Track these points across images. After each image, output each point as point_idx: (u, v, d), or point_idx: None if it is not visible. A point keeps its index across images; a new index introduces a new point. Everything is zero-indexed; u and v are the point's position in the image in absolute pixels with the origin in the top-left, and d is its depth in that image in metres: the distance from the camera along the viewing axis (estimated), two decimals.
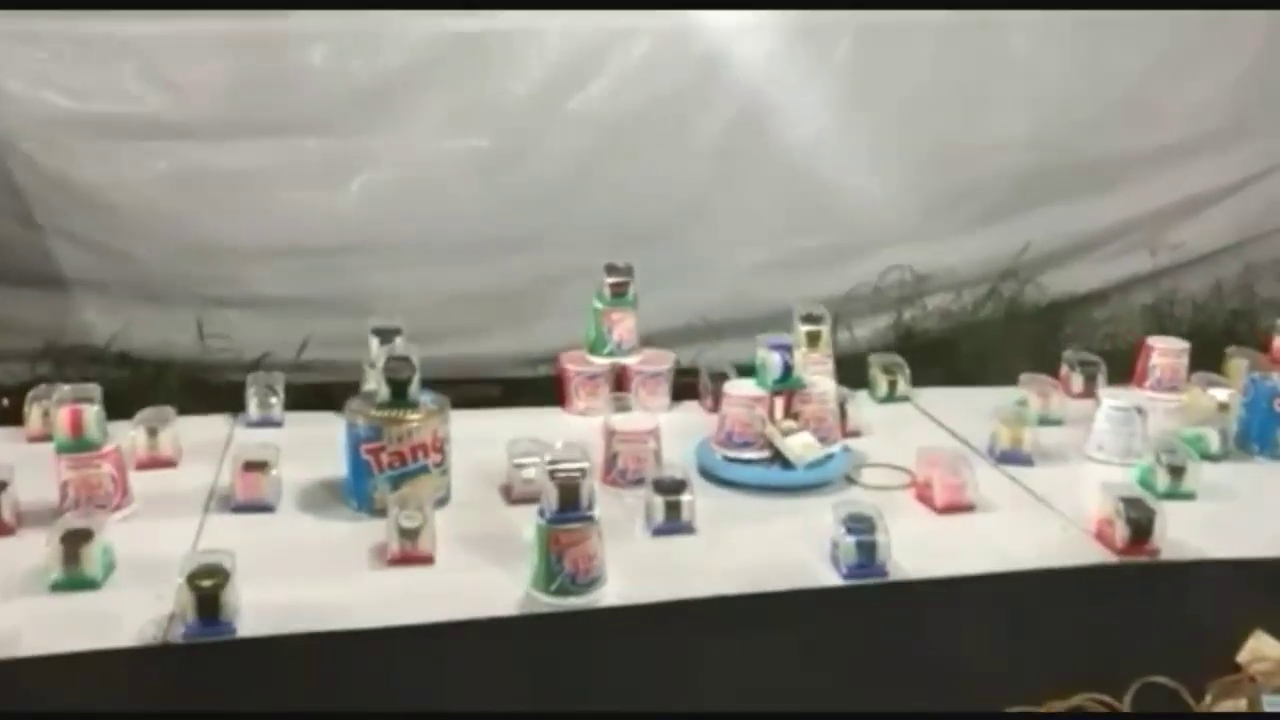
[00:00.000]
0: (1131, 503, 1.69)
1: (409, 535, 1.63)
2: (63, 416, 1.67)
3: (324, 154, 2.95)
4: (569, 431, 2.05)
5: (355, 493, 1.77)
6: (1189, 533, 1.73)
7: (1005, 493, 1.89)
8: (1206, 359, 2.40)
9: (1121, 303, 3.33)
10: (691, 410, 2.24)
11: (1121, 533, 1.68)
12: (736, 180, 3.10)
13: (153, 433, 1.88)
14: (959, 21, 3.02)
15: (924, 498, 1.83)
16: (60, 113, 2.78)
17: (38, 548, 1.54)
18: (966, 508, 1.80)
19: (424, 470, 1.77)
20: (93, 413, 1.69)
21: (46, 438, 1.84)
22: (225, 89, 2.86)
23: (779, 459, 1.89)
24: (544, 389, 2.66)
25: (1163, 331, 2.79)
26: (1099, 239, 3.30)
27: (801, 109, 3.01)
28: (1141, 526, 1.68)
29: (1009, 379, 2.48)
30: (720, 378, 2.17)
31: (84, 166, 2.83)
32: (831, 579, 1.61)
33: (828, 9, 2.95)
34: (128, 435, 1.85)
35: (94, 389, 1.72)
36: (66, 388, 1.73)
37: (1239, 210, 3.31)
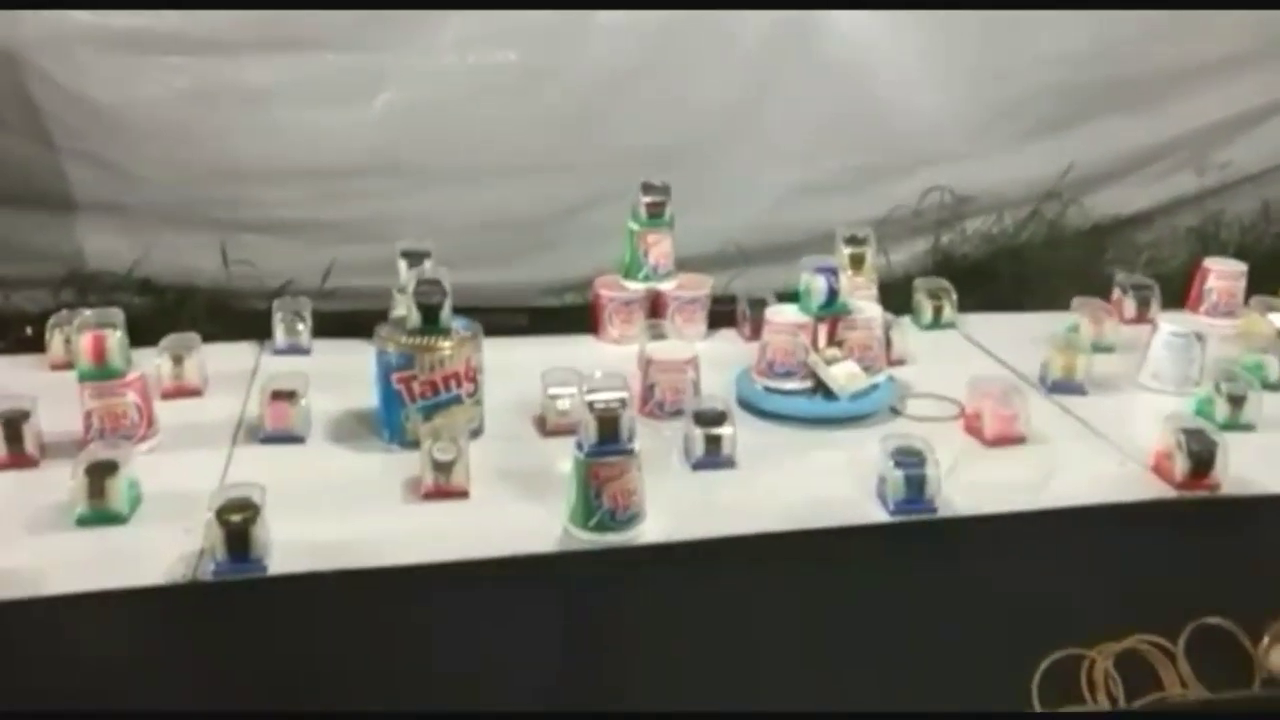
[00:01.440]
0: (1193, 434, 1.63)
1: (443, 469, 1.59)
2: (85, 343, 1.62)
3: (344, 70, 2.85)
4: (603, 360, 2.00)
5: (387, 423, 1.72)
6: (1249, 467, 1.66)
7: (1058, 424, 1.82)
8: (1258, 283, 2.31)
9: (1166, 225, 3.23)
10: (729, 339, 2.18)
11: (1181, 466, 1.62)
12: (771, 100, 2.99)
13: (178, 360, 1.83)
14: None
15: (973, 430, 1.77)
16: (78, 26, 2.69)
17: (62, 480, 1.50)
18: (1018, 440, 1.74)
19: (457, 400, 1.72)
20: (116, 339, 1.63)
21: (68, 365, 1.80)
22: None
23: (822, 389, 1.82)
24: (572, 318, 2.60)
25: (1208, 254, 2.70)
26: (1144, 158, 3.19)
27: (839, 25, 2.89)
28: (1202, 460, 1.62)
29: (1050, 304, 2.40)
30: (759, 304, 2.10)
31: (102, 83, 2.74)
32: (878, 515, 1.56)
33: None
34: (152, 363, 1.81)
35: (117, 314, 1.66)
36: (89, 313, 1.68)
37: None
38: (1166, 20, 3.00)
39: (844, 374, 1.80)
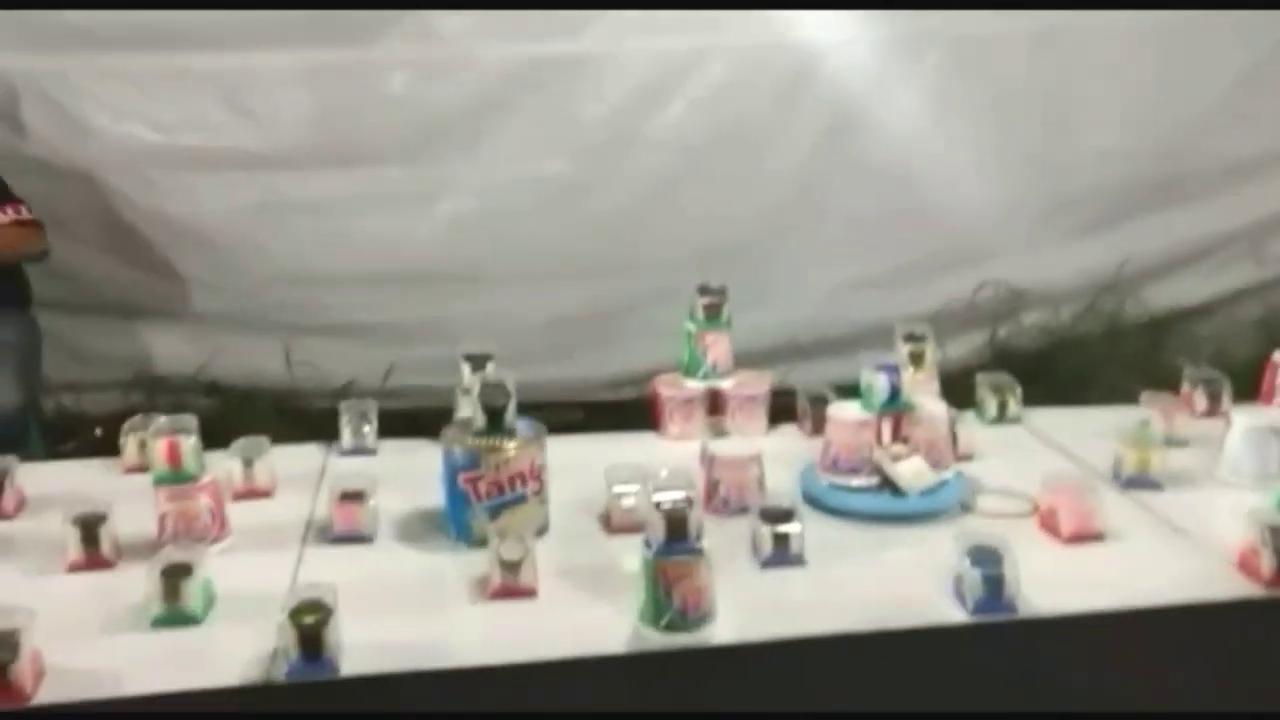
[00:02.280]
0: (1278, 531, 1.58)
1: (510, 568, 1.58)
2: (160, 448, 1.65)
3: (406, 182, 2.96)
4: (665, 458, 1.98)
5: (454, 522, 1.72)
6: None
7: (1135, 520, 1.77)
8: None
9: (1227, 316, 3.20)
10: (790, 435, 2.16)
11: (1268, 563, 1.57)
12: (822, 197, 3.04)
13: (248, 463, 1.85)
14: (1050, 28, 2.94)
15: (1048, 526, 1.73)
16: (147, 146, 2.83)
17: (137, 582, 1.51)
18: (1095, 537, 1.70)
19: (522, 499, 1.72)
20: (190, 444, 1.66)
21: (143, 469, 1.83)
22: (308, 119, 2.89)
23: (889, 486, 1.80)
24: (627, 412, 2.60)
25: (1273, 345, 2.65)
26: (1201, 250, 3.19)
27: (889, 122, 2.95)
28: None
29: (1113, 397, 2.37)
30: (819, 400, 2.09)
31: (171, 198, 2.87)
32: (956, 615, 1.52)
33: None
34: (223, 466, 1.83)
35: (191, 420, 1.70)
36: (164, 419, 1.71)
37: None
38: (1217, 113, 3.03)
39: (911, 471, 1.78)
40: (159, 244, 2.91)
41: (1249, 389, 2.25)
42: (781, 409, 2.23)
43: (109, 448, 2.06)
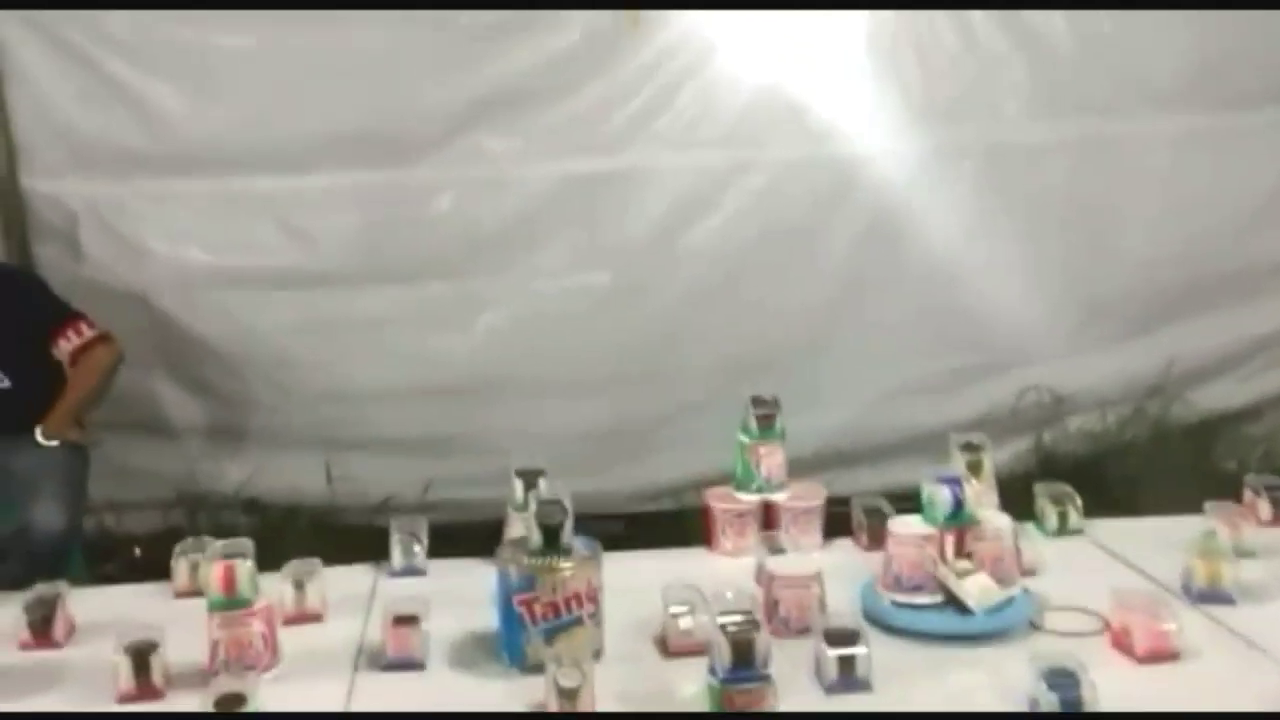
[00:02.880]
0: None
1: (568, 695, 1.53)
2: (216, 573, 1.63)
3: (449, 297, 3.00)
4: (719, 574, 1.95)
5: (508, 647, 1.69)
6: None
7: (1210, 637, 1.71)
8: None
9: (1276, 418, 3.15)
10: (846, 549, 2.12)
11: None
12: (862, 306, 3.05)
13: (299, 586, 1.83)
14: (1089, 136, 2.98)
15: (1121, 645, 1.67)
16: (198, 267, 2.89)
17: (189, 712, 1.48)
18: (1171, 656, 1.64)
19: (578, 622, 1.68)
20: (246, 568, 1.64)
21: (194, 593, 1.81)
22: (355, 238, 2.95)
23: (954, 603, 1.75)
24: (667, 523, 2.57)
25: None
26: (1246, 352, 3.16)
27: (929, 232, 2.97)
28: None
29: (1163, 503, 2.32)
30: (875, 513, 2.06)
31: (218, 318, 2.91)
32: None
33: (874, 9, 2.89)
34: (274, 589, 1.81)
35: (246, 544, 1.68)
36: (219, 543, 1.70)
37: None
38: (1257, 216, 3.04)
39: (977, 587, 1.73)
40: (205, 362, 2.94)
41: None
42: (832, 520, 2.20)
43: (149, 567, 2.05)
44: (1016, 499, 2.22)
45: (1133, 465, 2.89)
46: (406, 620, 1.70)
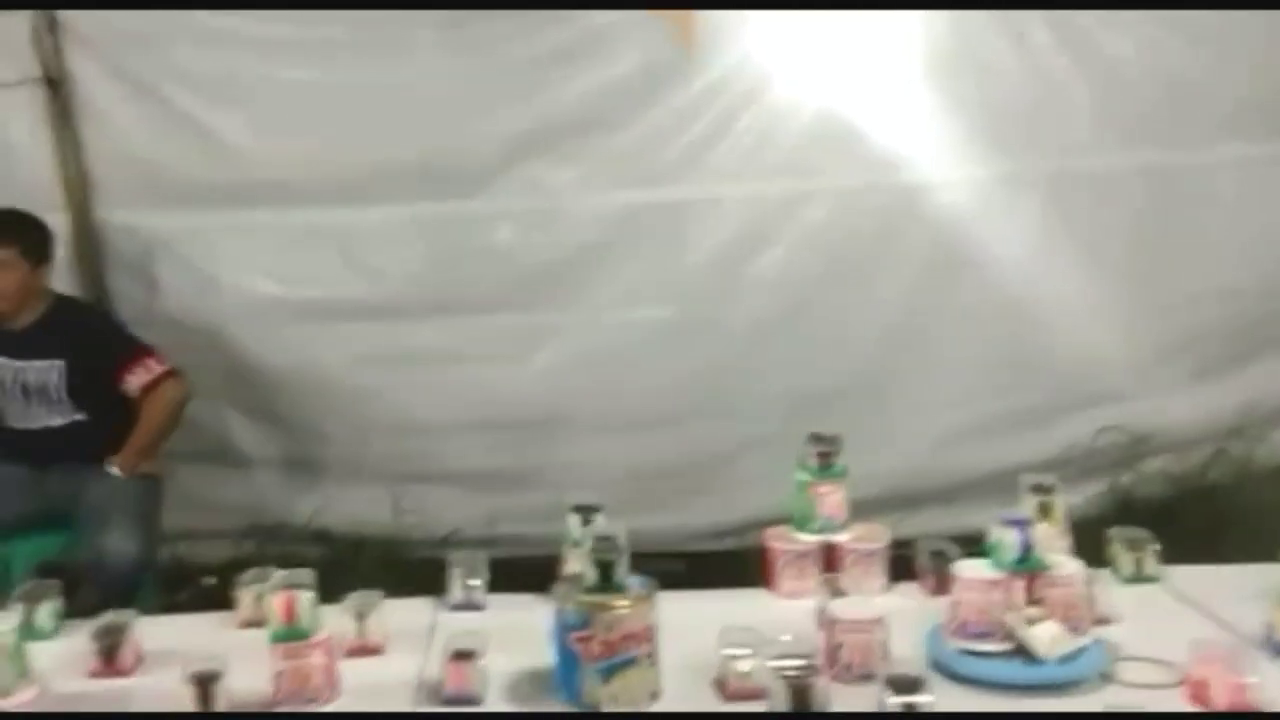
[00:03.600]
0: None
1: None
2: (278, 603, 1.65)
3: (511, 329, 3.02)
4: (778, 616, 1.92)
5: (564, 684, 1.68)
6: None
7: None
8: None
9: None
10: (910, 593, 2.07)
11: None
12: (928, 341, 3.00)
13: (361, 618, 1.84)
14: (1160, 165, 2.91)
15: (1199, 698, 1.60)
16: (267, 299, 2.95)
17: None
18: (1251, 711, 1.57)
19: (633, 662, 1.66)
20: (306, 600, 1.66)
21: (257, 624, 1.83)
22: (419, 271, 2.99)
23: (1022, 652, 1.70)
24: (729, 563, 2.53)
25: None
26: None
27: (995, 264, 2.92)
28: None
29: (1249, 550, 2.23)
30: (940, 556, 2.01)
31: (288, 349, 2.97)
32: None
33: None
34: (337, 621, 1.82)
35: (307, 575, 1.70)
36: (281, 574, 1.72)
37: None
38: None
39: (1047, 636, 1.67)
40: (275, 394, 3.00)
41: None
42: (897, 562, 2.15)
43: (222, 597, 2.07)
44: (1092, 544, 2.16)
45: (1215, 509, 2.79)
46: (465, 655, 1.70)
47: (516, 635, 1.81)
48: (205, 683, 1.62)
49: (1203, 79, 2.87)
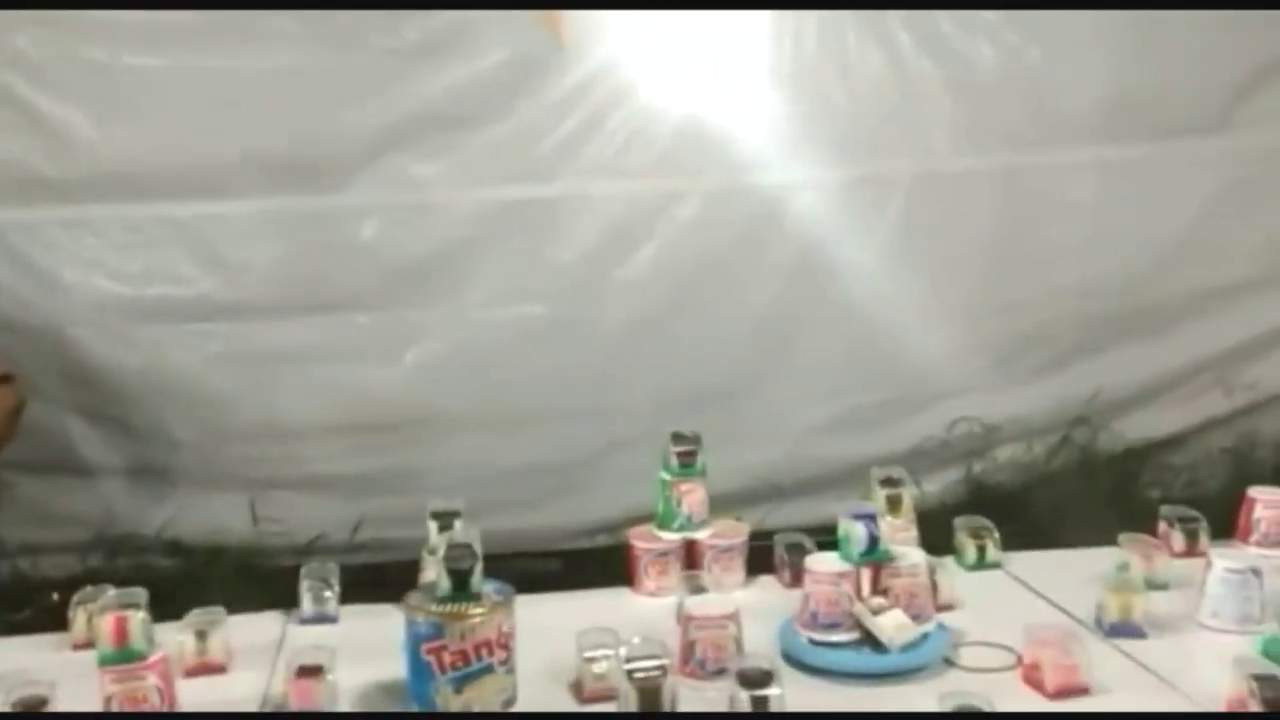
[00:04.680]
0: (1265, 680, 1.53)
1: None
2: (107, 625, 1.58)
3: (375, 329, 2.95)
4: (640, 614, 1.93)
5: (417, 697, 1.65)
6: None
7: (1120, 671, 1.72)
8: None
9: (1200, 446, 3.20)
10: (768, 586, 2.11)
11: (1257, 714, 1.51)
12: (792, 341, 3.05)
13: (201, 636, 1.78)
14: (1013, 167, 3.01)
15: (1032, 680, 1.67)
16: (112, 298, 2.81)
17: None
18: (1081, 691, 1.64)
19: (489, 670, 1.65)
20: (138, 620, 1.59)
21: (91, 645, 1.75)
22: (276, 267, 2.88)
23: (870, 640, 1.74)
24: (604, 561, 2.54)
25: (1245, 477, 2.65)
26: (1171, 381, 3.20)
27: (857, 264, 2.98)
28: (1279, 707, 1.52)
29: (1090, 533, 2.34)
30: (797, 549, 2.05)
31: (134, 351, 2.84)
32: None
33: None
34: (175, 639, 1.76)
35: (140, 593, 1.63)
36: (112, 593, 1.65)
37: None
38: (1181, 246, 3.09)
39: (892, 624, 1.73)
40: (122, 398, 2.86)
41: (1223, 520, 2.23)
42: (758, 554, 2.19)
43: (65, 616, 1.98)
44: (946, 531, 2.24)
45: (1059, 495, 2.91)
46: (310, 671, 1.65)
47: (369, 647, 1.77)
48: (30, 708, 1.55)
49: (1059, 84, 2.98)
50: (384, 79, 2.82)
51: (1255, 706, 1.52)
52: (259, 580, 2.57)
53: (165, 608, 1.75)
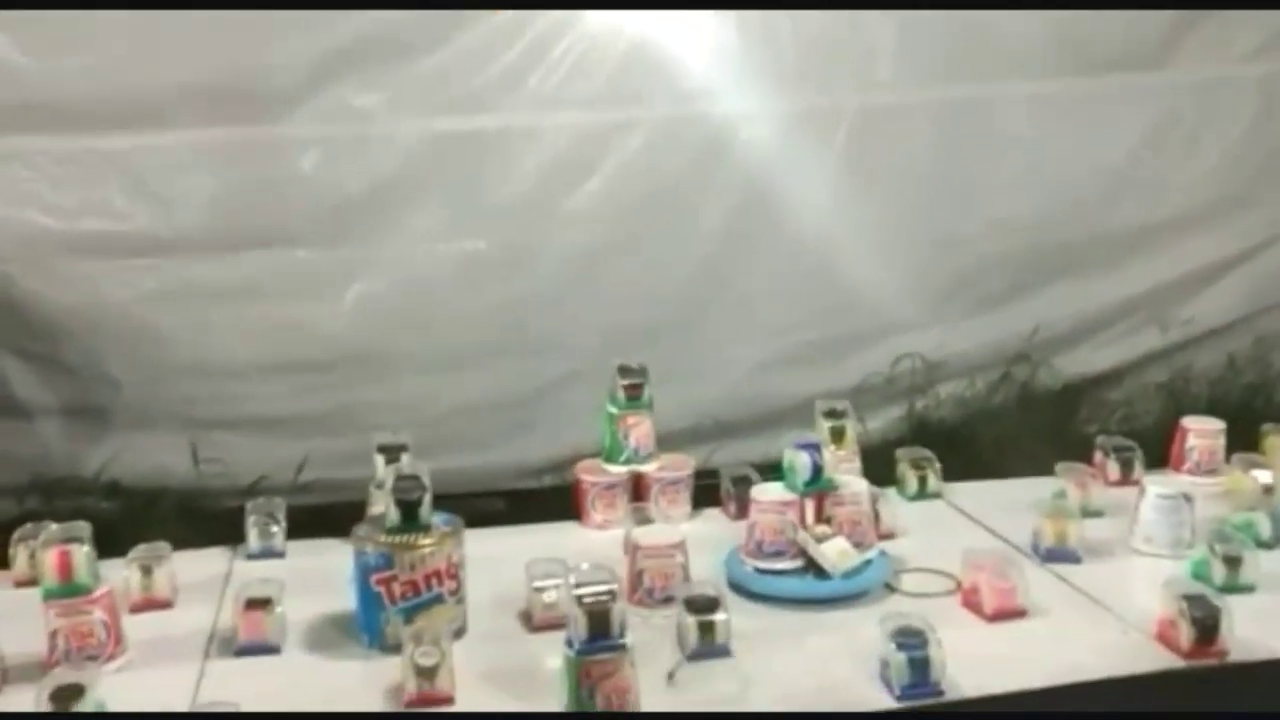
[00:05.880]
0: (1194, 600, 1.59)
1: (426, 674, 1.52)
2: (50, 559, 1.56)
3: (316, 264, 2.88)
4: (588, 547, 1.95)
5: (366, 628, 1.66)
6: (1255, 629, 1.62)
7: (1056, 594, 1.78)
8: (1233, 437, 2.32)
9: (1136, 382, 3.26)
10: (714, 518, 2.14)
11: (1186, 634, 1.58)
12: (738, 275, 3.04)
13: (147, 571, 1.76)
14: (954, 100, 3.01)
15: (971, 604, 1.72)
16: (43, 232, 2.71)
17: (25, 707, 1.41)
18: (1018, 613, 1.70)
19: (439, 600, 1.66)
20: (83, 554, 1.58)
21: (34, 582, 1.73)
22: (213, 201, 2.79)
23: (813, 568, 1.78)
24: (550, 500, 2.55)
25: (1179, 409, 2.72)
26: (1108, 317, 3.25)
27: (803, 197, 2.97)
28: (1207, 626, 1.58)
29: (1029, 464, 2.40)
30: (743, 482, 2.08)
31: (68, 288, 2.75)
32: (884, 701, 1.49)
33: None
34: (120, 575, 1.74)
35: (83, 527, 1.61)
36: (54, 527, 1.62)
37: (1247, 282, 3.26)
38: (1117, 181, 3.12)
39: (835, 551, 1.76)
40: (56, 336, 2.77)
41: (1157, 453, 2.30)
42: (706, 491, 2.21)
43: (1, 557, 1.95)
44: (890, 466, 2.28)
45: (1000, 430, 2.96)
46: (259, 604, 1.65)
47: (316, 580, 1.78)
48: None
49: (999, 17, 2.97)
50: (321, 6, 2.73)
51: (1185, 626, 1.58)
52: (201, 522, 2.53)
53: (107, 550, 1.72)
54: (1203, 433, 2.22)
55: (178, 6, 2.65)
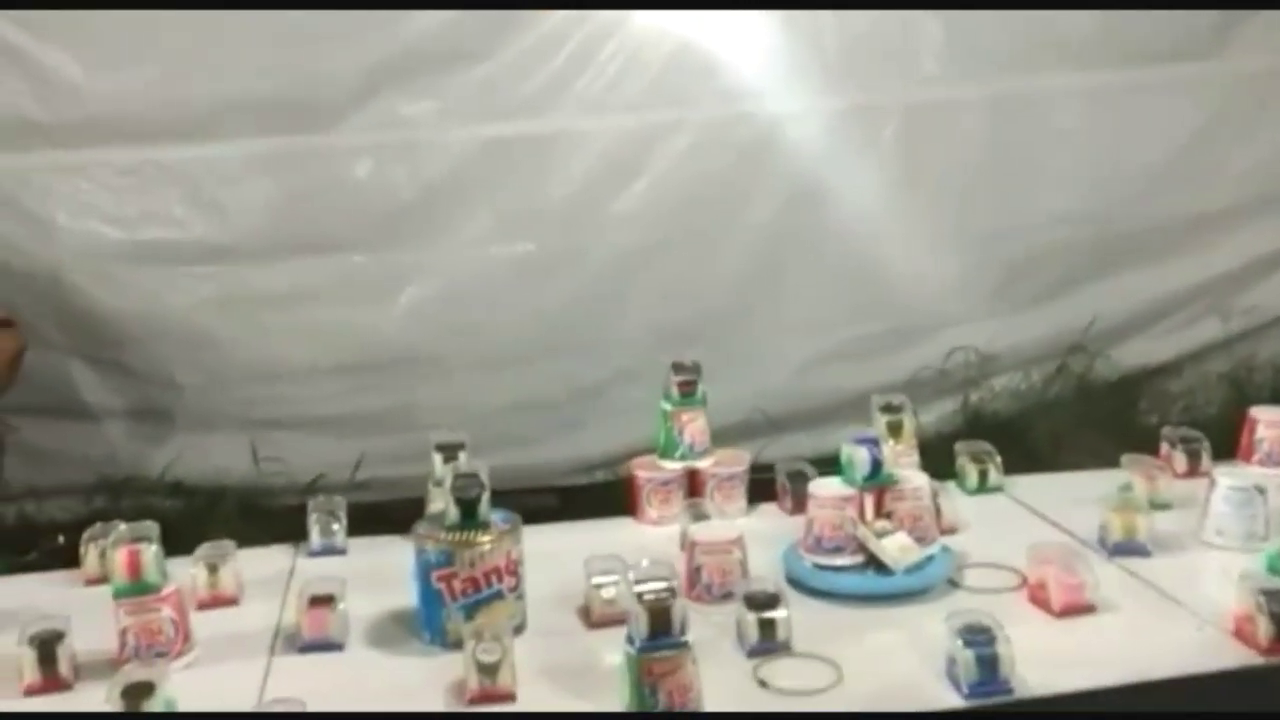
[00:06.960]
0: (1273, 595, 1.55)
1: (488, 671, 1.52)
2: (120, 558, 1.59)
3: (370, 268, 2.93)
4: (644, 543, 1.95)
5: (428, 624, 1.67)
6: None
7: (1125, 589, 1.74)
8: None
9: (1196, 372, 3.21)
10: (770, 513, 2.12)
11: (1265, 630, 1.54)
12: (788, 270, 3.04)
13: (213, 569, 1.79)
14: (1004, 95, 2.98)
15: (1037, 600, 1.70)
16: (107, 242, 2.79)
17: (97, 704, 1.44)
18: (1087, 609, 1.66)
19: (498, 596, 1.66)
20: (151, 553, 1.60)
21: (103, 580, 1.76)
22: (270, 209, 2.86)
23: (874, 563, 1.76)
24: (601, 496, 2.56)
25: (1243, 399, 2.66)
26: (1167, 307, 3.21)
27: (851, 194, 2.96)
28: None
29: (1088, 459, 2.36)
30: (798, 477, 2.07)
31: (131, 295, 2.82)
32: (951, 699, 1.47)
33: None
34: (187, 573, 1.77)
35: (151, 527, 1.64)
36: (123, 527, 1.65)
37: None
38: (1173, 171, 3.07)
39: (896, 546, 1.74)
40: (121, 342, 2.85)
41: (1221, 445, 2.25)
42: (760, 486, 2.20)
43: (72, 556, 1.99)
44: (944, 459, 2.25)
45: (1057, 422, 2.93)
46: (323, 600, 1.67)
47: (378, 577, 1.79)
48: (46, 643, 1.56)
49: (1045, 12, 2.94)
50: (373, 16, 2.77)
51: (1263, 623, 1.54)
52: (262, 520, 2.58)
53: (171, 548, 1.75)
54: (1272, 423, 2.16)
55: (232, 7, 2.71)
